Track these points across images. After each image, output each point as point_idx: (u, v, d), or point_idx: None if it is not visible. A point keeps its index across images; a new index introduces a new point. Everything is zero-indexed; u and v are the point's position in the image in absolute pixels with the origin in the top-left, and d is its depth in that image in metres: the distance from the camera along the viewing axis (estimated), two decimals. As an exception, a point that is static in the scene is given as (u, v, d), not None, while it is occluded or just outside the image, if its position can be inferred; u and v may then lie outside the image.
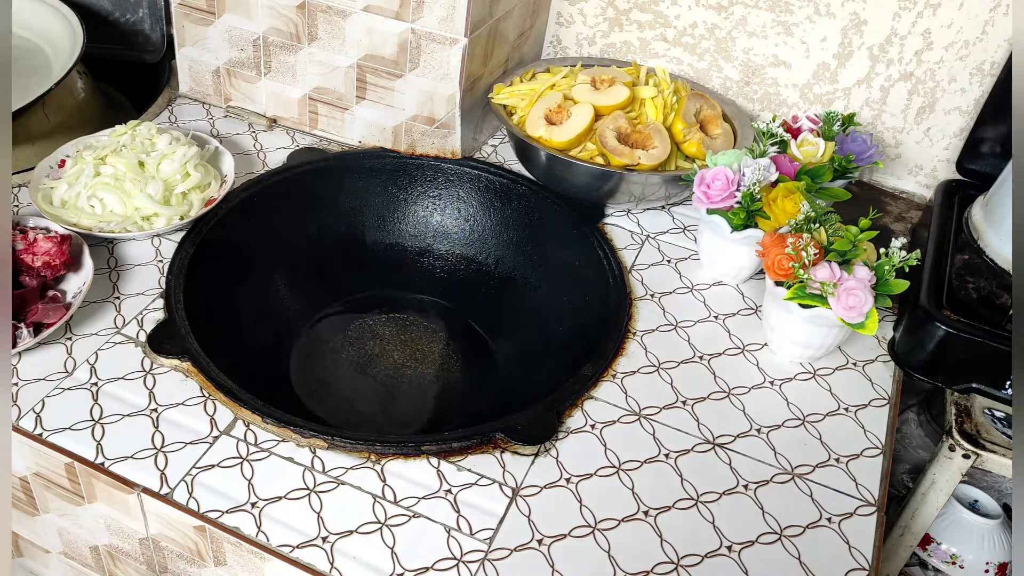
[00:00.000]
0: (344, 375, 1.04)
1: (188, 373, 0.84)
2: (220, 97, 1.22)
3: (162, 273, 0.95)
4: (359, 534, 0.72)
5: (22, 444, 0.79)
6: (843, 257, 0.87)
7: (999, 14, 1.06)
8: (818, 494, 0.79)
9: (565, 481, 0.78)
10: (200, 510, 0.73)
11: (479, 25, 1.05)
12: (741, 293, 1.02)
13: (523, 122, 1.10)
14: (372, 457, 0.78)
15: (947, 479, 0.91)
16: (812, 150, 1.03)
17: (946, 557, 1.05)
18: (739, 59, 1.21)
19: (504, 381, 1.04)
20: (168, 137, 1.03)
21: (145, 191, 0.98)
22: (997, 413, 0.91)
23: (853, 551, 0.75)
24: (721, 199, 0.95)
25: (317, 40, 1.11)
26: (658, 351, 0.92)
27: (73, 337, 0.87)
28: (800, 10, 1.15)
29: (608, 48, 1.29)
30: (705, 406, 0.87)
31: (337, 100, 1.15)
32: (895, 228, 1.15)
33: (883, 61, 1.14)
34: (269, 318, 1.05)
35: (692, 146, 1.06)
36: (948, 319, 0.89)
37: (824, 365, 0.93)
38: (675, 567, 0.72)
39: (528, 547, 0.73)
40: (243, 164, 1.12)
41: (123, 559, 0.85)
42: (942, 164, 1.18)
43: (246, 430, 0.80)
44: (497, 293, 1.13)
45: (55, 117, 1.14)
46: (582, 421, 0.84)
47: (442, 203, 1.16)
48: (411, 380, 1.04)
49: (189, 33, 1.18)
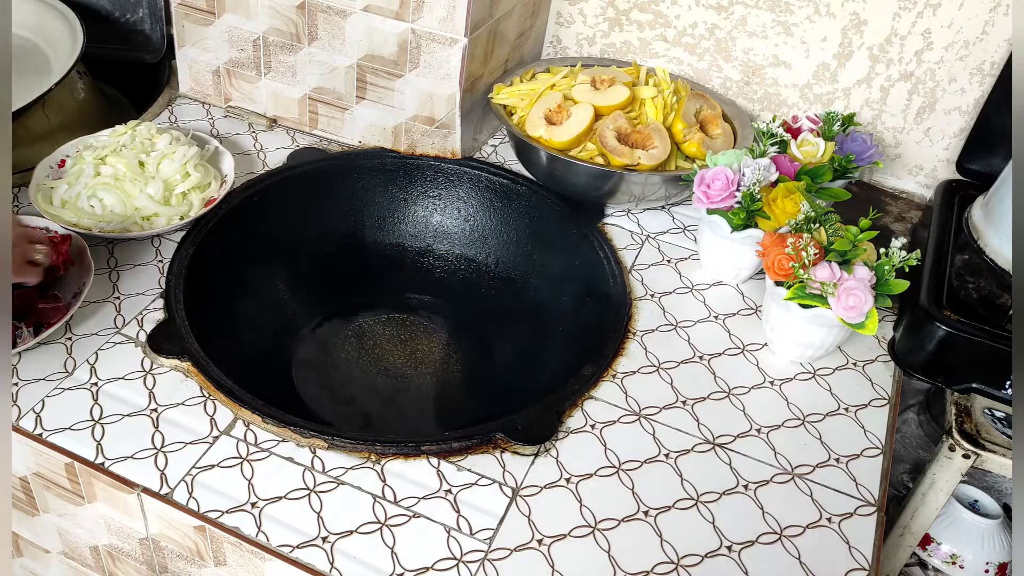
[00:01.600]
0: (344, 375, 1.03)
1: (188, 373, 0.84)
2: (220, 97, 1.22)
3: (162, 273, 0.95)
4: (359, 534, 0.72)
5: (22, 444, 0.79)
6: (843, 257, 0.87)
7: (999, 14, 1.06)
8: (818, 494, 0.79)
9: (565, 481, 0.78)
10: (200, 510, 0.73)
11: (479, 25, 1.05)
12: (741, 293, 1.02)
13: (523, 122, 1.10)
14: (372, 457, 0.78)
15: (947, 479, 0.91)
16: (812, 150, 1.03)
17: (946, 557, 1.05)
18: (739, 59, 1.21)
19: (504, 381, 1.04)
20: (168, 137, 1.03)
21: (145, 191, 0.98)
22: (997, 413, 0.91)
23: (853, 551, 0.75)
24: (721, 199, 0.95)
25: (317, 40, 1.11)
26: (658, 351, 0.92)
27: (73, 337, 0.87)
28: (800, 10, 1.15)
29: (608, 48, 1.29)
30: (705, 406, 0.87)
31: (337, 100, 1.15)
32: (895, 228, 1.15)
33: (883, 61, 1.14)
34: (269, 318, 1.05)
35: (692, 146, 1.06)
36: (948, 319, 0.89)
37: (824, 365, 0.93)
38: (675, 567, 0.72)
39: (528, 547, 0.73)
40: (243, 164, 1.12)
41: (123, 559, 0.85)
42: (942, 164, 1.18)
43: (246, 430, 0.80)
44: (497, 293, 1.13)
45: (55, 117, 1.14)
46: (582, 421, 0.84)
47: (442, 203, 1.16)
48: (411, 380, 1.04)
49: (189, 33, 1.18)
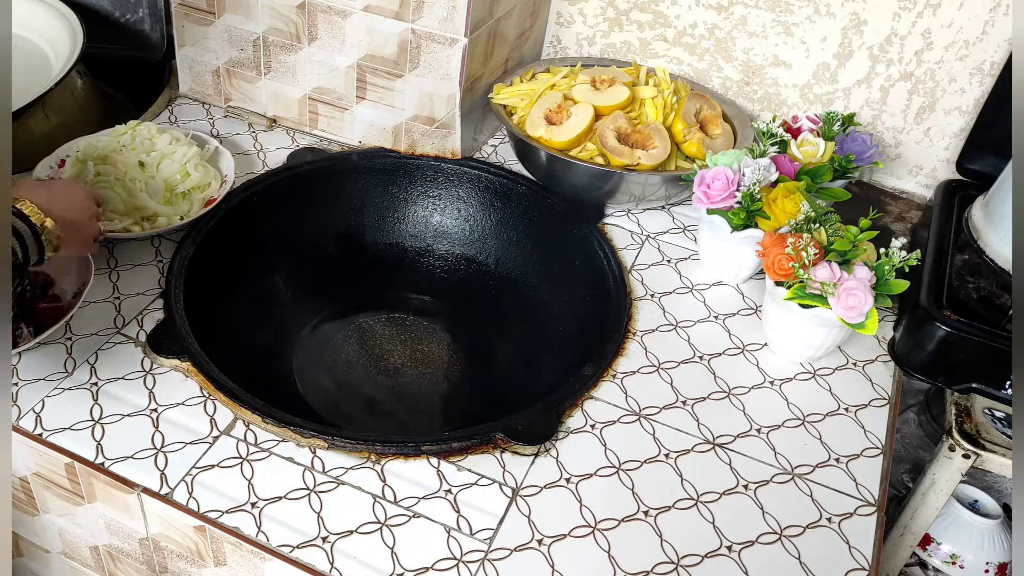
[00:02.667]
0: (344, 375, 1.03)
1: (188, 373, 0.84)
2: (220, 97, 1.22)
3: (162, 273, 0.95)
4: (359, 534, 0.72)
5: (22, 444, 0.79)
6: (843, 257, 0.87)
7: (999, 14, 1.06)
8: (818, 494, 0.79)
9: (565, 481, 0.78)
10: (200, 510, 0.73)
11: (479, 25, 1.05)
12: (741, 293, 1.02)
13: (523, 122, 1.10)
14: (372, 457, 0.78)
15: (947, 479, 0.91)
16: (812, 150, 1.03)
17: (946, 557, 1.05)
18: (739, 59, 1.21)
19: (504, 381, 1.04)
20: (168, 137, 1.03)
21: (145, 191, 0.98)
22: (997, 413, 0.91)
23: (853, 551, 0.75)
24: (721, 199, 0.95)
25: (317, 40, 1.11)
26: (658, 351, 0.92)
27: (73, 337, 0.87)
28: (800, 10, 1.15)
29: (608, 48, 1.29)
30: (705, 406, 0.87)
31: (337, 100, 1.15)
32: (895, 228, 1.15)
33: (883, 61, 1.14)
34: (269, 318, 1.05)
35: (692, 146, 1.06)
36: (948, 319, 0.89)
37: (824, 365, 0.93)
38: (675, 567, 0.72)
39: (528, 547, 0.73)
40: (243, 164, 1.12)
41: (123, 559, 0.85)
42: (942, 164, 1.18)
43: (246, 430, 0.80)
44: (497, 293, 1.13)
45: (55, 117, 1.14)
46: (582, 421, 0.84)
47: (442, 203, 1.16)
48: (411, 380, 1.04)
49: (189, 33, 1.18)
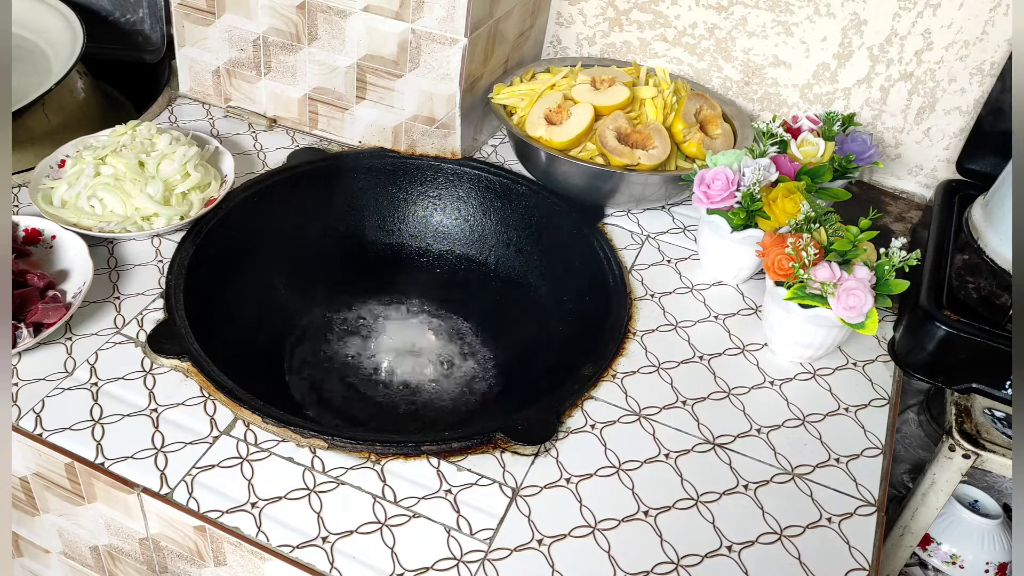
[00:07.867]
0: (344, 375, 1.03)
1: (188, 373, 0.84)
2: (220, 97, 1.22)
3: (162, 273, 0.95)
4: (359, 534, 0.72)
5: (22, 444, 0.79)
6: (843, 257, 0.87)
7: (999, 14, 1.06)
8: (818, 494, 0.79)
9: (565, 481, 0.78)
10: (200, 510, 0.73)
11: (479, 25, 1.05)
12: (741, 293, 1.02)
13: (523, 122, 1.10)
14: (372, 457, 0.78)
15: (947, 479, 0.91)
16: (812, 150, 1.03)
17: (946, 557, 1.05)
18: (739, 59, 1.21)
19: (504, 381, 1.04)
20: (168, 137, 1.03)
21: (145, 191, 0.98)
22: (997, 413, 0.91)
23: (853, 551, 0.75)
24: (721, 199, 0.95)
25: (317, 40, 1.11)
26: (658, 351, 0.92)
27: (73, 337, 0.87)
28: (800, 10, 1.15)
29: (608, 48, 1.29)
30: (705, 406, 0.87)
31: (337, 100, 1.15)
32: (895, 228, 1.15)
33: (883, 61, 1.14)
34: (269, 318, 1.05)
35: (692, 146, 1.06)
36: (948, 319, 0.89)
37: (824, 365, 0.93)
38: (675, 567, 0.72)
39: (528, 547, 0.72)
40: (243, 164, 1.12)
41: (123, 559, 0.85)
42: (942, 164, 1.18)
43: (246, 430, 0.80)
44: (497, 293, 1.13)
45: (55, 117, 1.14)
46: (582, 421, 0.84)
47: (442, 203, 1.16)
48: (411, 380, 1.04)
49: (189, 33, 1.18)
